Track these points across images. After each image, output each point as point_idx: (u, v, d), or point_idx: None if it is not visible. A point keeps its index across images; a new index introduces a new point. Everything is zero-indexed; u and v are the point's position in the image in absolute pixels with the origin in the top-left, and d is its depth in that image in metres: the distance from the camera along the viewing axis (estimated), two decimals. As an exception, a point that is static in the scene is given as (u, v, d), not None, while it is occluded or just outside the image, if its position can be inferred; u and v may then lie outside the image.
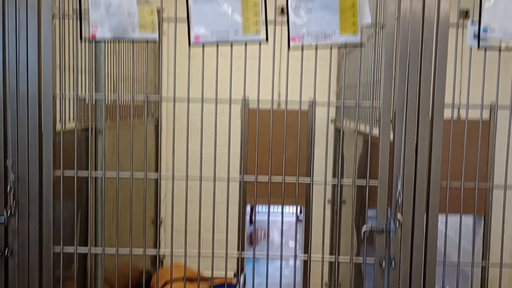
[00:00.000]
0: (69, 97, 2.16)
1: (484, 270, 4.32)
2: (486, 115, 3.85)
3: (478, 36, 1.96)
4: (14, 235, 2.05)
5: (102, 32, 1.98)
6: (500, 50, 1.98)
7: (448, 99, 1.99)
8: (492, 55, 2.01)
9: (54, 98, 2.02)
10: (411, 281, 2.04)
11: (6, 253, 2.05)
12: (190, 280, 4.00)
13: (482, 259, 4.27)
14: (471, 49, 1.98)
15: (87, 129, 2.82)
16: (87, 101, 2.81)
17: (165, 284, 3.81)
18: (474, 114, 2.09)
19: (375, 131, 2.13)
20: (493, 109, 2.11)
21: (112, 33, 1.98)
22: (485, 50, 1.98)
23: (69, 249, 2.12)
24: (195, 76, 2.13)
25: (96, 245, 2.88)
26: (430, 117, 1.98)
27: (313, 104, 2.12)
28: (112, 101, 3.23)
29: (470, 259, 2.24)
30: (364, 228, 2.01)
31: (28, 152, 2.02)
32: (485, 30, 1.95)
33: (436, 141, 1.98)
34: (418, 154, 1.98)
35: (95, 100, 2.94)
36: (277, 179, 2.10)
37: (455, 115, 2.06)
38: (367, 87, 2.98)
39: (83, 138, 2.82)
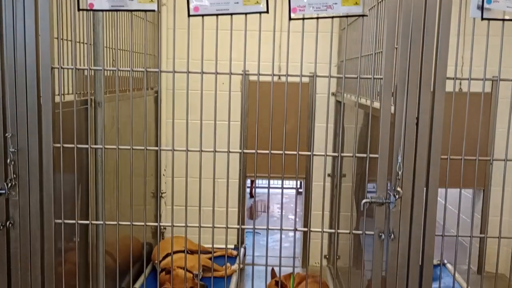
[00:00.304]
0: (67, 69, 2.13)
1: (482, 243, 4.36)
2: (488, 88, 3.82)
3: (481, 7, 1.92)
4: (15, 207, 2.06)
5: (100, 2, 1.95)
6: (503, 22, 1.95)
7: (449, 72, 1.97)
8: (495, 28, 1.98)
9: (52, 70, 2.00)
10: (409, 253, 2.05)
11: (7, 225, 2.06)
12: (191, 252, 4.04)
13: (481, 232, 4.31)
14: (474, 20, 1.96)
15: (86, 102, 2.80)
16: (85, 73, 2.79)
17: (166, 255, 3.85)
18: (476, 87, 2.07)
19: (376, 104, 2.11)
20: (495, 81, 2.09)
21: (109, 3, 1.94)
22: (489, 21, 1.95)
23: (70, 221, 2.13)
24: (195, 48, 2.11)
25: (97, 218, 2.90)
26: (431, 89, 1.97)
27: (314, 76, 2.10)
28: (111, 73, 3.20)
29: (469, 233, 2.25)
30: (364, 201, 2.01)
31: (27, 125, 2.01)
32: (488, 1, 1.92)
33: (437, 114, 1.97)
34: (419, 127, 1.97)
35: (94, 72, 2.91)
36: (277, 152, 2.09)
37: (457, 87, 2.04)
38: (369, 60, 2.96)
39: (83, 111, 2.81)
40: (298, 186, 6.79)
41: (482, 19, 1.93)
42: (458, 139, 2.05)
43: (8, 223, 2.06)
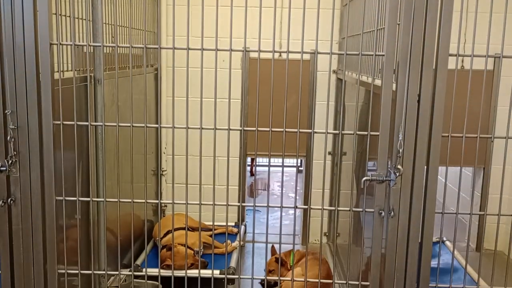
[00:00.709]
0: (66, 45, 2.11)
1: (482, 220, 4.39)
2: (490, 66, 3.80)
3: (486, -17, 1.90)
4: (16, 184, 2.07)
5: (99, -23, 1.92)
6: (507, -2, 1.93)
7: (452, 49, 1.95)
8: (498, 5, 1.96)
9: (51, 46, 1.99)
10: (409, 230, 2.07)
11: (9, 202, 2.07)
12: (192, 229, 4.06)
13: (480, 210, 4.33)
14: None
15: (86, 79, 2.79)
16: (85, 50, 2.77)
17: (167, 233, 3.88)
18: (478, 65, 2.05)
19: (378, 81, 2.10)
20: (498, 59, 2.07)
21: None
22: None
23: (71, 198, 2.14)
24: (195, 25, 2.08)
25: (98, 196, 2.91)
26: (434, 66, 1.95)
27: (315, 53, 2.08)
28: (110, 50, 3.18)
29: (469, 210, 2.26)
30: (364, 178, 2.01)
31: (27, 102, 2.00)
32: (493, -24, 1.89)
33: (439, 91, 1.96)
34: (421, 104, 1.97)
35: (93, 48, 2.89)
36: (278, 130, 2.08)
37: (459, 65, 2.02)
38: (370, 36, 2.93)
39: (82, 88, 2.79)
40: (299, 164, 6.81)
41: (486, -6, 1.91)
42: (460, 117, 2.04)
43: (9, 200, 2.07)
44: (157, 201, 2.27)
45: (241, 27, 2.02)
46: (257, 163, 7.35)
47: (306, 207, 2.22)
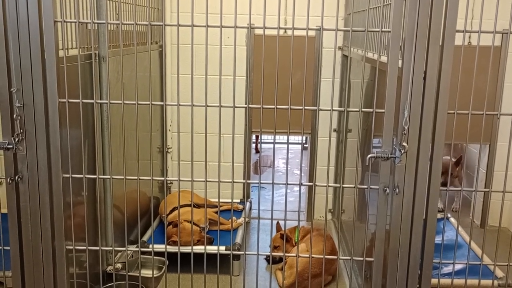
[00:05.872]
0: (70, 22, 2.10)
1: (486, 197, 4.39)
2: (497, 42, 3.76)
3: (494, -43, 1.86)
4: (23, 162, 2.08)
5: (102, -47, 1.90)
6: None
7: (459, 25, 1.93)
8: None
9: (55, 23, 1.98)
10: (414, 207, 2.07)
11: (16, 179, 2.09)
12: (198, 206, 4.09)
13: (485, 187, 4.33)
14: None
15: (90, 56, 2.78)
16: (89, 27, 2.76)
17: (173, 209, 3.91)
18: (485, 41, 2.03)
19: (383, 58, 2.09)
20: (505, 35, 2.04)
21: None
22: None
23: (78, 175, 2.16)
24: (200, 1, 2.06)
25: (104, 173, 2.93)
26: (440, 43, 1.93)
27: (320, 30, 2.06)
28: (114, 27, 3.16)
29: (473, 187, 2.26)
30: (369, 155, 2.01)
31: (32, 79, 2.00)
32: (502, -50, 1.86)
33: (445, 68, 1.94)
34: (427, 81, 1.95)
35: (97, 26, 2.87)
36: (283, 107, 2.08)
37: (466, 41, 2.00)
38: (377, 12, 2.89)
39: (87, 66, 2.79)
40: (304, 141, 6.81)
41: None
42: (466, 94, 2.03)
43: (16, 177, 2.09)
44: (162, 178, 2.28)
45: (246, 4, 2.00)
46: (262, 140, 7.35)
47: (311, 184, 2.22)
